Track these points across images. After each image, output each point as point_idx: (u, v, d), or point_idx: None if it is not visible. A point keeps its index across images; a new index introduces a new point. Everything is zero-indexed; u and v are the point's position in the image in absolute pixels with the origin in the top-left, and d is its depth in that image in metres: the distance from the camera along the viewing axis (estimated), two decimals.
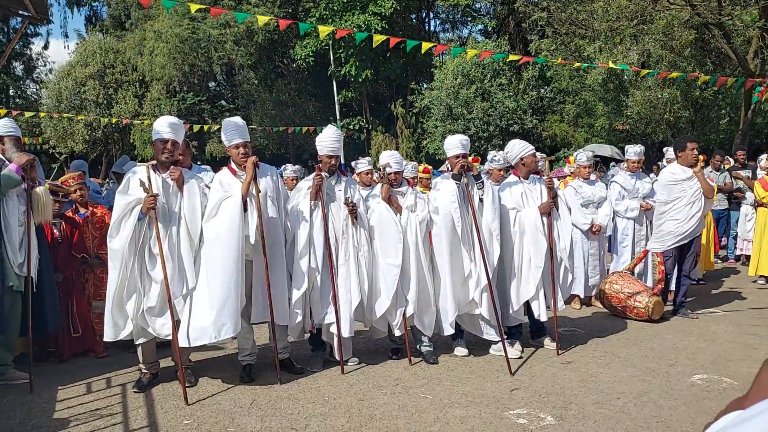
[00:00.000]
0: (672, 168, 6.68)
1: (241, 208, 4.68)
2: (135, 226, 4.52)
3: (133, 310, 4.55)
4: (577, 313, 7.00)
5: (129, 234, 4.51)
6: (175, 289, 4.54)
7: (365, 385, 4.81)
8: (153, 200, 4.47)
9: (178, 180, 4.69)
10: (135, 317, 4.56)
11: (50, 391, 4.80)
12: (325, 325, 5.16)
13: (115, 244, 4.55)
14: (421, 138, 24.32)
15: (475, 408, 4.28)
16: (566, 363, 5.23)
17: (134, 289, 4.56)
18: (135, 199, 4.55)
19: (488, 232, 5.33)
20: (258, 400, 4.53)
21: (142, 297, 4.55)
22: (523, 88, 21.10)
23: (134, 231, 4.52)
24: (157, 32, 26.73)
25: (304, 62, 25.07)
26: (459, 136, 5.53)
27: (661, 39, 13.53)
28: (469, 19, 29.77)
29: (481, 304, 5.27)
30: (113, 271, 4.57)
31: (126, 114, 26.60)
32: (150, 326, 4.59)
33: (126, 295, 4.56)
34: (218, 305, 4.58)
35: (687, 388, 4.57)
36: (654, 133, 16.00)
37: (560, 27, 16.37)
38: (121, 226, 4.55)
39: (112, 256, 4.58)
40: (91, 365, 5.45)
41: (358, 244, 5.13)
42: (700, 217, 6.51)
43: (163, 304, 4.52)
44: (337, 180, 5.25)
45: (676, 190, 6.51)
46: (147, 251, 4.57)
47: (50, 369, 5.38)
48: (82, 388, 4.91)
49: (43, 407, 4.47)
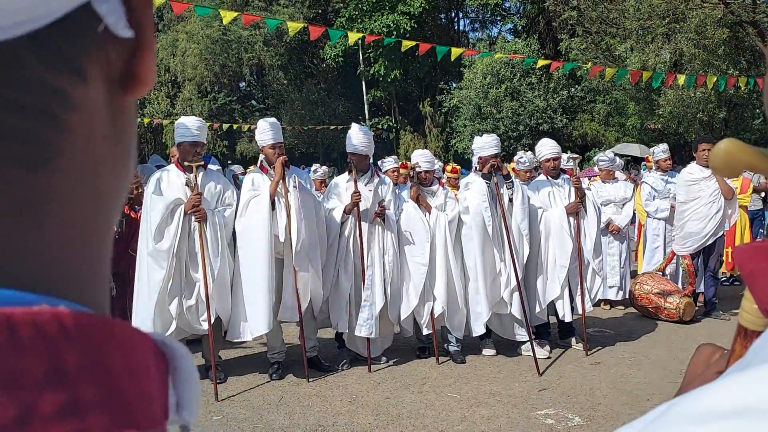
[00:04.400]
0: (690, 168, 6.64)
1: (269, 207, 4.76)
2: (179, 227, 4.57)
3: (175, 309, 4.61)
4: (606, 313, 6.94)
5: (177, 233, 4.55)
6: (217, 286, 4.63)
7: (392, 384, 4.84)
8: (198, 199, 4.55)
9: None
10: (177, 316, 4.63)
11: None
12: (347, 333, 5.21)
13: (164, 244, 4.55)
14: (450, 137, 24.26)
15: (502, 407, 4.28)
16: (595, 364, 5.20)
17: (177, 290, 4.62)
18: (174, 198, 4.62)
19: (518, 232, 5.32)
20: (286, 398, 4.59)
21: (182, 297, 4.63)
22: (553, 87, 20.89)
23: (179, 232, 4.58)
24: (188, 33, 27.12)
25: (334, 62, 25.20)
26: (491, 137, 5.51)
27: (694, 38, 13.30)
28: (498, 18, 29.60)
29: (511, 303, 5.27)
30: (159, 272, 4.56)
31: (158, 114, 27.03)
32: (191, 324, 4.69)
33: (169, 295, 4.61)
34: (249, 303, 4.76)
35: None
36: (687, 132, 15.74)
37: (591, 26, 16.18)
38: (165, 227, 4.59)
39: (159, 257, 4.57)
40: None
41: (384, 246, 5.16)
42: (721, 217, 6.41)
43: (202, 302, 4.60)
44: (369, 180, 5.28)
45: (694, 190, 6.44)
46: (188, 251, 4.65)
47: None
48: None
49: None
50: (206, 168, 5.00)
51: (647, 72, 9.38)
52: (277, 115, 28.05)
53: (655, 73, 9.02)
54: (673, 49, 14.32)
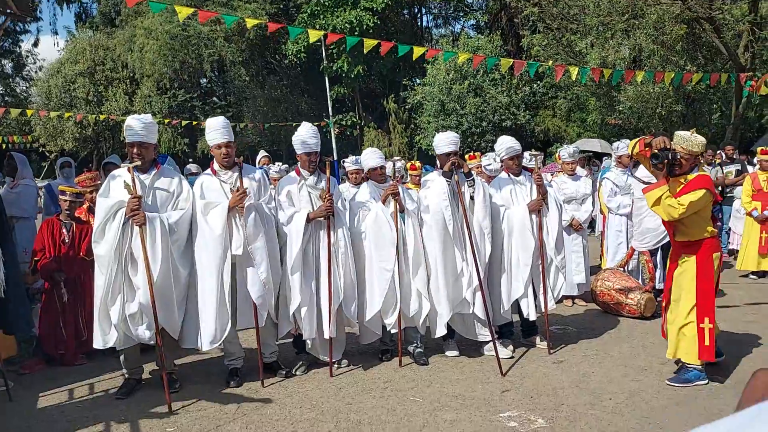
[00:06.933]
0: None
1: (225, 220, 4.64)
2: (118, 231, 4.41)
3: (117, 316, 4.43)
4: (568, 310, 6.94)
5: (114, 238, 4.40)
6: (159, 294, 4.44)
7: (354, 389, 4.73)
8: (137, 202, 4.37)
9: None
10: (118, 323, 4.45)
11: (31, 399, 4.70)
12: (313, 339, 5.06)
13: (101, 249, 4.44)
14: (414, 134, 24.22)
15: (465, 411, 4.21)
16: (558, 362, 5.17)
17: (118, 295, 4.45)
18: (117, 202, 4.45)
19: (479, 231, 5.25)
20: (243, 406, 4.45)
21: (124, 302, 4.44)
22: (516, 83, 21.01)
23: (118, 235, 4.41)
24: (147, 29, 26.52)
25: (296, 58, 24.91)
26: (448, 134, 5.43)
27: (653, 34, 13.46)
28: (461, 14, 29.69)
29: (474, 303, 5.20)
30: (100, 278, 4.47)
31: (116, 111, 26.40)
32: (133, 332, 4.49)
33: (110, 301, 4.45)
34: (206, 311, 4.64)
35: (679, 387, 4.51)
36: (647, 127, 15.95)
37: (552, 22, 16.26)
38: (105, 230, 4.45)
39: (99, 262, 4.48)
40: (75, 371, 5.34)
41: (335, 241, 5.01)
42: None
43: (146, 309, 4.41)
44: (318, 179, 5.14)
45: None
46: (129, 256, 4.46)
47: (34, 375, 5.28)
48: (64, 395, 4.82)
49: (22, 416, 4.38)
50: (159, 168, 4.79)
51: (608, 69, 9.42)
52: (239, 112, 27.69)
53: (615, 71, 9.05)
54: (633, 45, 14.49)
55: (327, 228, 4.95)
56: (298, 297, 4.85)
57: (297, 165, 5.25)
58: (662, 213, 4.49)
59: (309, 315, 4.90)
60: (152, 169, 4.69)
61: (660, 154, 4.39)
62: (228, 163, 4.85)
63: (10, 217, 5.95)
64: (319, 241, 5.00)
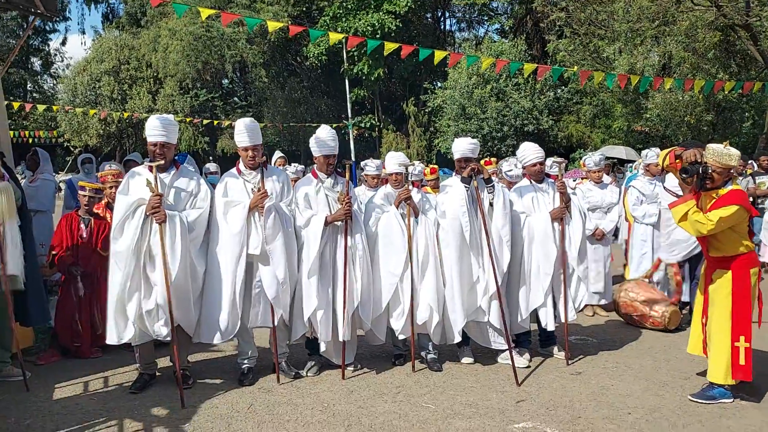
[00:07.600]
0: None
1: (245, 219, 4.65)
2: (138, 228, 4.42)
3: (134, 312, 4.45)
4: (589, 321, 6.78)
5: (134, 235, 4.41)
6: (176, 291, 4.43)
7: (366, 392, 4.65)
8: (159, 200, 4.37)
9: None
10: (135, 319, 4.46)
11: (47, 390, 4.72)
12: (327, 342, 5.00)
13: (120, 245, 4.45)
14: (433, 137, 24.12)
15: (478, 420, 4.10)
16: (576, 374, 5.03)
17: (135, 291, 4.46)
18: (137, 199, 4.47)
19: (498, 238, 5.13)
20: (255, 405, 4.40)
21: (141, 299, 4.45)
22: (540, 88, 20.79)
23: (138, 232, 4.42)
24: (171, 30, 26.80)
25: (317, 60, 24.96)
26: (466, 140, 5.31)
27: (684, 41, 13.19)
28: (485, 18, 29.52)
29: (490, 311, 5.09)
30: (117, 274, 4.47)
31: (140, 109, 26.68)
32: (149, 328, 4.49)
33: (127, 297, 4.46)
34: (219, 307, 4.66)
35: (703, 404, 4.35)
36: (674, 135, 15.67)
37: (579, 27, 16.03)
38: (124, 227, 4.46)
39: (117, 258, 4.48)
40: (89, 363, 5.34)
41: (353, 244, 4.94)
42: None
43: (164, 306, 4.40)
44: (335, 182, 5.07)
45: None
46: (148, 253, 4.45)
47: (50, 366, 5.29)
48: (79, 387, 4.82)
49: (38, 406, 4.40)
50: (178, 168, 4.78)
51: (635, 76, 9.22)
52: (260, 112, 27.83)
53: (643, 78, 8.86)
54: (662, 52, 14.23)
55: (344, 232, 4.89)
56: (315, 301, 4.79)
57: (313, 167, 5.20)
58: (690, 229, 4.34)
59: (325, 319, 4.84)
60: (172, 169, 4.71)
61: (689, 168, 4.24)
62: (253, 165, 4.85)
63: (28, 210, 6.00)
64: (336, 244, 4.94)
